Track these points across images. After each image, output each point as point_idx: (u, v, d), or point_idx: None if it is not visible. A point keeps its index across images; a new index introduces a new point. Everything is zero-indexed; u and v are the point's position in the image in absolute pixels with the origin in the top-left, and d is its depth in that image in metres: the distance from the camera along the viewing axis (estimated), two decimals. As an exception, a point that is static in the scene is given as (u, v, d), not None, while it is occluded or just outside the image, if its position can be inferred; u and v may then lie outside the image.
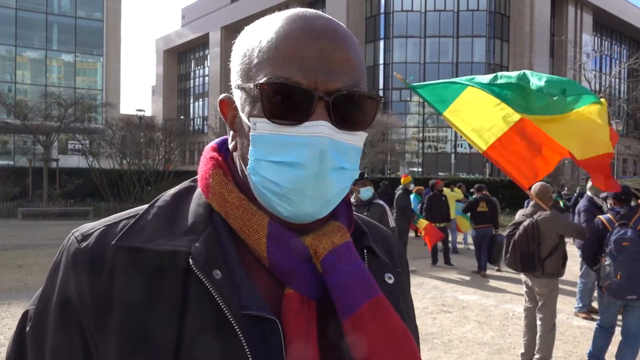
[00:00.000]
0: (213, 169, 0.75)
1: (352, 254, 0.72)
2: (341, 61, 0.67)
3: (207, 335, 0.64)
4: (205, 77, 65.57)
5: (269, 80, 0.66)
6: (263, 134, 0.67)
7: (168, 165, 25.04)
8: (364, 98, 0.69)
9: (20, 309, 6.29)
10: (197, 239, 0.68)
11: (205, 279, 0.65)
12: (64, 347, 0.68)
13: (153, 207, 0.74)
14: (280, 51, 0.67)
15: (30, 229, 15.47)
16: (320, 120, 0.66)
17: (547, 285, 4.77)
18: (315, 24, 0.68)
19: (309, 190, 0.67)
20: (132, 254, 0.68)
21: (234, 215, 0.71)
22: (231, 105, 0.76)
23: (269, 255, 0.69)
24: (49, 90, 28.46)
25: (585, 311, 6.84)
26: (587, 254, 4.77)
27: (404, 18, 46.30)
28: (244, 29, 0.77)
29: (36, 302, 0.73)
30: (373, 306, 0.69)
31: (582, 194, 14.05)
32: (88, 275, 0.68)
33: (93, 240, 0.71)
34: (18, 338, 0.73)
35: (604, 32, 56.93)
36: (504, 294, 8.05)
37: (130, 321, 0.65)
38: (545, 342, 4.75)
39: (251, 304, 0.66)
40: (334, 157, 0.67)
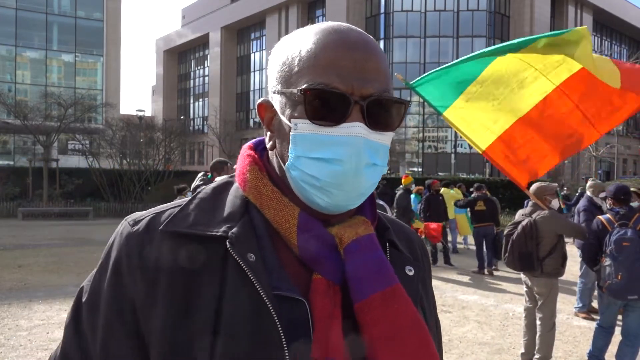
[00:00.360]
0: (250, 165, 0.84)
1: (374, 245, 0.79)
2: (373, 69, 0.76)
3: (242, 311, 0.71)
4: (205, 77, 65.52)
5: (311, 86, 0.74)
6: (304, 133, 0.75)
7: (168, 165, 25.04)
8: (393, 102, 0.78)
9: (20, 309, 6.30)
10: (234, 226, 0.76)
11: (241, 260, 0.73)
12: (116, 318, 0.76)
13: (195, 199, 0.83)
14: (320, 60, 0.75)
15: (30, 229, 15.47)
16: (356, 122, 0.74)
17: (547, 284, 4.77)
18: (349, 36, 0.77)
19: (346, 183, 0.75)
20: (177, 238, 0.76)
21: (268, 206, 0.79)
22: (269, 108, 0.83)
23: (299, 243, 0.77)
24: (49, 90, 28.48)
25: (585, 311, 6.84)
26: (587, 254, 4.76)
27: (404, 18, 46.27)
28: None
29: (92, 279, 0.81)
30: (386, 295, 0.76)
31: (583, 193, 14.04)
32: (138, 255, 0.76)
33: (143, 225, 0.79)
34: (75, 310, 0.81)
35: (604, 32, 56.91)
36: (504, 294, 8.05)
37: (175, 297, 0.72)
38: (545, 342, 4.75)
39: (282, 286, 0.73)
40: (368, 155, 0.75)
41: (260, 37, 58.54)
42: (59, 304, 6.61)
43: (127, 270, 0.76)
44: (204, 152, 59.58)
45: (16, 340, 5.20)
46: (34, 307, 6.42)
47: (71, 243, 12.68)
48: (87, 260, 10.04)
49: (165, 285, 0.73)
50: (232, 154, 41.12)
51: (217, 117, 47.19)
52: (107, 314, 0.76)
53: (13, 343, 5.11)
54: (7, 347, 4.98)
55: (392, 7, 46.54)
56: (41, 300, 6.75)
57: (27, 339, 5.22)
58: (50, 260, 9.88)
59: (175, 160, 26.73)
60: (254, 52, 59.97)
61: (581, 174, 38.89)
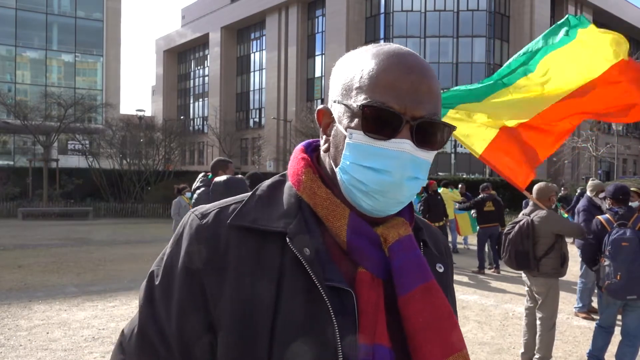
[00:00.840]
0: (305, 167, 0.92)
1: (413, 244, 0.89)
2: (425, 93, 0.84)
3: (299, 298, 0.80)
4: (205, 77, 65.52)
5: (369, 102, 0.83)
6: (358, 143, 0.84)
7: (168, 165, 25.05)
8: (440, 125, 0.86)
9: (20, 309, 6.30)
10: (291, 222, 0.85)
11: (299, 254, 0.82)
12: (189, 300, 0.84)
13: (255, 195, 0.92)
14: (380, 80, 0.84)
15: (30, 229, 15.47)
16: (405, 139, 0.82)
17: (545, 284, 4.77)
18: (408, 60, 0.85)
19: (389, 192, 0.84)
20: (242, 231, 0.85)
21: (322, 206, 0.87)
22: (327, 115, 0.92)
23: (347, 240, 0.85)
24: (49, 91, 28.44)
25: (585, 311, 6.84)
26: (587, 254, 4.76)
27: (404, 18, 46.28)
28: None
29: (162, 264, 0.90)
30: (426, 289, 0.85)
31: (584, 193, 14.02)
32: (208, 245, 0.85)
33: (211, 218, 0.88)
34: (148, 291, 0.89)
35: (603, 32, 56.90)
36: (504, 294, 8.05)
37: (240, 282, 0.81)
38: (545, 342, 4.75)
39: (333, 277, 0.82)
40: (412, 169, 0.84)
41: (260, 37, 58.54)
42: (59, 304, 6.61)
43: (198, 259, 0.84)
44: (204, 152, 59.59)
45: (16, 340, 5.20)
46: (33, 307, 6.42)
47: (71, 243, 12.67)
48: (87, 260, 10.05)
49: (232, 273, 0.82)
50: (232, 154, 41.16)
51: (217, 117, 47.19)
52: (180, 298, 0.85)
53: (13, 343, 5.11)
54: (7, 347, 4.98)
55: (392, 7, 46.54)
56: (41, 300, 6.75)
57: (27, 339, 5.22)
58: (50, 260, 9.88)
59: (175, 160, 26.73)
60: (254, 52, 59.97)
61: (581, 174, 38.91)
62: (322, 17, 51.38)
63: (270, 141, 48.25)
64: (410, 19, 45.97)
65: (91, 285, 7.70)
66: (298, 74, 52.61)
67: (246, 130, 57.80)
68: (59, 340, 5.21)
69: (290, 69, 53.36)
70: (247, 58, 60.68)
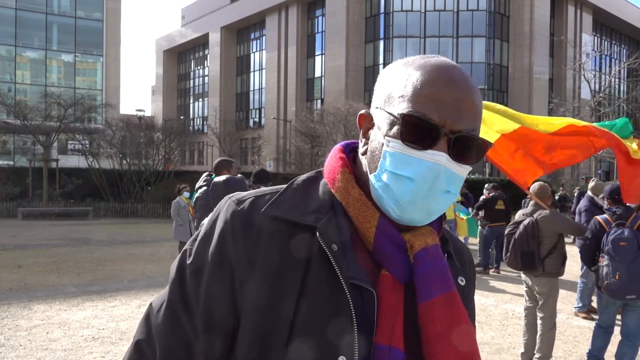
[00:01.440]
0: (342, 167, 0.94)
1: (439, 255, 0.90)
2: (467, 108, 0.85)
3: (322, 291, 0.82)
4: (205, 77, 65.49)
5: (411, 112, 0.84)
6: (394, 151, 0.85)
7: (168, 165, 25.05)
8: (477, 141, 0.87)
9: (19, 309, 6.30)
10: (322, 218, 0.87)
11: (327, 248, 0.84)
12: (218, 280, 0.87)
13: (290, 188, 0.94)
14: (424, 91, 0.85)
15: (30, 229, 15.47)
16: (442, 151, 0.83)
17: (547, 284, 4.78)
18: (453, 75, 0.86)
19: (419, 202, 0.85)
20: (275, 221, 0.87)
21: (353, 206, 0.89)
22: (369, 120, 0.94)
23: (375, 242, 0.87)
24: (48, 90, 28.46)
25: (585, 311, 6.84)
26: (585, 254, 4.76)
27: (404, 18, 46.26)
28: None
29: (194, 245, 0.92)
30: (447, 298, 0.86)
31: (583, 193, 14.02)
32: (242, 231, 0.87)
33: (247, 205, 0.90)
34: (180, 269, 0.92)
35: (603, 32, 56.91)
36: (504, 294, 8.05)
37: (269, 270, 0.84)
38: (545, 341, 4.75)
39: (356, 276, 0.84)
40: (445, 182, 0.85)
41: (260, 37, 58.53)
42: (59, 304, 6.61)
43: (231, 243, 0.87)
44: (204, 152, 59.57)
45: (16, 340, 5.20)
46: (33, 307, 6.42)
47: (71, 243, 12.67)
48: (87, 260, 10.05)
49: (262, 260, 0.84)
50: (232, 154, 41.14)
51: (216, 117, 47.15)
52: (210, 278, 0.87)
53: (13, 343, 5.11)
54: (7, 347, 4.98)
55: (391, 7, 46.53)
56: (41, 300, 6.75)
57: (26, 339, 5.22)
58: (50, 260, 9.88)
59: (175, 160, 26.74)
60: (253, 52, 59.96)
61: (581, 174, 38.88)
62: (322, 17, 51.36)
63: (270, 141, 48.22)
64: (410, 19, 45.95)
65: (91, 285, 7.70)
66: (298, 74, 52.59)
67: (246, 130, 57.76)
68: (59, 340, 5.21)
69: (290, 69, 53.35)
70: (247, 58, 60.67)
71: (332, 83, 48.20)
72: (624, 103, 34.42)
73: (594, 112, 27.77)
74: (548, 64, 47.41)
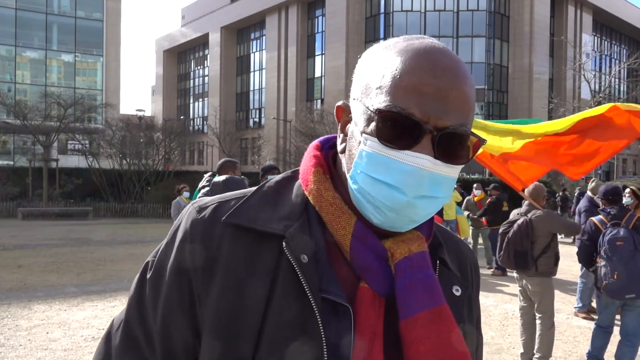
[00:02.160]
0: (315, 167, 0.84)
1: (425, 263, 0.79)
2: (455, 100, 0.73)
3: (289, 308, 0.73)
4: (205, 77, 65.51)
5: (388, 107, 0.72)
6: (371, 151, 0.74)
7: (168, 165, 25.05)
8: (468, 138, 0.75)
9: (19, 309, 6.29)
10: (292, 225, 0.78)
11: (294, 261, 0.74)
12: (176, 295, 0.79)
13: (259, 191, 0.85)
14: (403, 81, 0.73)
15: (30, 229, 15.47)
16: (424, 153, 0.72)
17: (541, 284, 4.78)
18: (438, 62, 0.74)
19: (400, 210, 0.74)
20: (237, 230, 0.79)
21: (327, 211, 0.80)
22: (346, 112, 0.83)
23: (351, 251, 0.77)
24: (48, 90, 28.47)
25: (585, 311, 6.84)
26: (583, 255, 4.77)
27: (404, 18, 46.27)
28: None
29: (157, 256, 0.85)
30: (433, 314, 0.76)
31: (583, 193, 14.01)
32: (201, 241, 0.79)
33: (208, 212, 0.82)
34: (140, 283, 0.85)
35: (603, 32, 56.91)
36: (504, 294, 8.05)
37: (229, 283, 0.76)
38: (545, 341, 4.75)
39: (330, 290, 0.75)
40: (430, 188, 0.74)
41: (260, 37, 58.54)
42: (59, 304, 6.61)
43: (189, 253, 0.79)
44: (204, 152, 59.57)
45: (16, 340, 5.20)
46: (33, 307, 6.42)
47: (71, 243, 12.67)
48: (87, 260, 10.05)
49: (222, 273, 0.76)
50: (232, 154, 41.13)
51: (216, 117, 47.17)
52: (168, 292, 0.80)
53: (13, 343, 5.11)
54: (7, 347, 4.98)
55: (391, 7, 46.54)
56: (41, 300, 6.75)
57: (26, 339, 5.22)
58: (50, 260, 9.87)
59: (175, 160, 26.73)
60: (253, 52, 59.97)
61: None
62: (322, 17, 51.37)
63: (270, 141, 48.24)
64: (410, 19, 45.95)
65: (91, 285, 7.69)
66: (298, 74, 52.61)
67: (246, 130, 57.77)
68: (59, 340, 5.21)
69: (290, 69, 53.36)
70: (247, 58, 60.68)
71: (332, 83, 48.20)
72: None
73: (594, 112, 27.77)
74: (548, 64, 47.41)
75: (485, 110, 45.76)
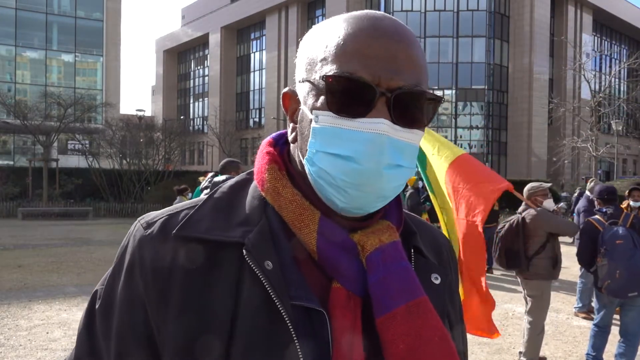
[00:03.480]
0: (269, 163, 0.78)
1: (399, 254, 0.74)
2: (404, 60, 0.69)
3: (258, 321, 0.67)
4: (205, 77, 65.49)
5: (335, 73, 0.68)
6: (324, 126, 0.69)
7: (168, 165, 25.04)
8: (424, 97, 0.71)
9: (19, 309, 6.30)
10: (251, 230, 0.72)
11: (257, 269, 0.69)
12: (129, 325, 0.73)
13: (211, 199, 0.78)
14: (347, 47, 0.69)
15: (30, 229, 15.47)
16: (381, 117, 0.67)
17: (538, 287, 4.71)
18: (382, 23, 0.71)
19: (365, 184, 0.69)
20: (191, 243, 0.72)
21: (287, 209, 0.74)
22: (294, 99, 0.78)
23: (318, 249, 0.72)
24: (48, 90, 28.46)
25: (585, 311, 6.84)
26: (582, 256, 4.75)
27: (404, 18, 46.25)
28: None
29: (104, 283, 0.78)
30: (411, 308, 0.71)
31: (582, 193, 13.97)
32: (151, 260, 0.72)
33: (157, 228, 0.75)
34: (89, 314, 0.78)
35: (603, 32, 56.90)
36: (504, 294, 8.05)
37: (188, 302, 0.69)
38: (532, 345, 4.71)
39: (300, 295, 0.69)
40: (391, 155, 0.69)
41: (260, 37, 58.53)
42: (59, 304, 6.61)
43: (139, 276, 0.72)
44: (204, 152, 59.58)
45: (16, 340, 5.20)
46: (33, 307, 6.42)
47: (71, 243, 12.67)
48: (87, 260, 10.05)
49: (179, 292, 0.70)
50: (232, 154, 41.12)
51: (217, 117, 47.18)
52: (120, 320, 0.73)
53: (13, 343, 5.11)
54: (7, 347, 4.98)
55: (392, 7, 46.53)
56: (41, 300, 6.75)
57: (26, 339, 5.22)
58: (50, 260, 9.88)
59: (175, 160, 26.73)
60: (253, 52, 59.97)
61: (581, 174, 38.85)
62: (322, 17, 51.35)
63: (270, 141, 48.20)
64: (410, 19, 45.92)
65: (91, 285, 7.67)
66: (298, 74, 52.63)
67: (246, 130, 57.77)
68: (59, 340, 5.21)
69: (290, 69, 53.33)
70: (247, 58, 60.67)
71: (332, 83, 48.16)
72: (624, 103, 34.42)
73: (594, 112, 27.78)
74: (548, 64, 47.41)
75: (485, 110, 45.78)
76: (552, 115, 34.48)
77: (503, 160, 46.68)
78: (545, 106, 41.36)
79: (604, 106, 31.27)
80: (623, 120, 36.87)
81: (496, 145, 46.74)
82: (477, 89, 45.58)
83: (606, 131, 43.98)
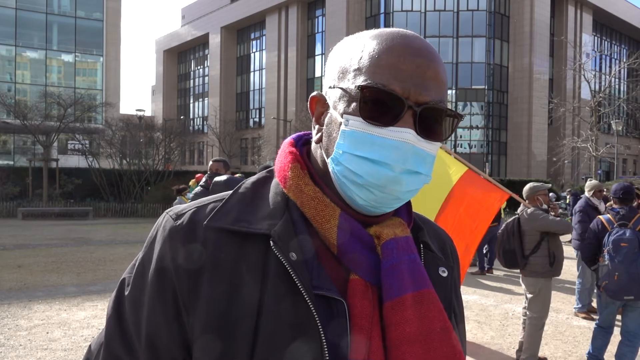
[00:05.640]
0: (292, 162, 0.83)
1: (410, 247, 0.80)
2: (432, 78, 0.76)
3: (283, 307, 0.72)
4: (205, 77, 65.50)
5: (369, 84, 0.74)
6: (354, 130, 0.75)
7: (168, 165, 25.04)
8: (446, 113, 0.78)
9: (19, 309, 6.29)
10: (276, 223, 0.77)
11: (284, 259, 0.73)
12: (160, 311, 0.76)
13: (237, 193, 0.83)
14: (382, 61, 0.75)
15: (30, 229, 15.46)
16: (407, 127, 0.74)
17: (535, 284, 4.75)
18: (413, 42, 0.77)
19: (386, 186, 0.75)
20: (220, 233, 0.77)
21: (309, 206, 0.79)
22: (321, 102, 0.83)
23: (338, 243, 0.77)
24: (48, 90, 28.47)
25: (585, 311, 6.84)
26: (586, 254, 4.77)
27: (404, 18, 46.25)
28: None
29: (133, 271, 0.82)
30: (417, 297, 0.76)
31: (575, 193, 14.01)
32: (183, 249, 0.76)
33: (186, 219, 0.79)
34: (117, 302, 0.81)
35: (603, 32, 56.90)
36: (504, 294, 8.05)
37: (218, 289, 0.73)
38: (532, 342, 4.74)
39: (321, 285, 0.74)
40: (413, 162, 0.75)
41: (260, 37, 58.53)
42: (59, 304, 6.61)
43: (171, 265, 0.76)
44: (204, 152, 59.57)
45: (16, 340, 5.20)
46: (33, 307, 6.42)
47: (71, 243, 12.67)
48: (87, 260, 10.05)
49: (208, 279, 0.74)
50: (232, 154, 41.17)
51: (216, 117, 47.17)
52: (151, 307, 0.77)
53: (13, 343, 5.11)
54: (7, 347, 4.98)
55: (392, 7, 46.53)
56: (41, 300, 6.75)
57: (26, 339, 5.22)
58: (50, 260, 9.87)
59: (175, 160, 26.73)
60: (253, 52, 59.97)
61: (581, 174, 38.87)
62: (322, 17, 51.38)
63: (270, 141, 48.23)
64: (410, 18, 45.94)
65: (91, 285, 7.70)
66: (298, 74, 52.62)
67: (246, 130, 57.78)
68: (59, 340, 5.21)
69: (290, 69, 53.38)
70: (247, 58, 60.68)
71: (332, 83, 48.17)
72: (624, 103, 34.41)
73: (594, 112, 27.77)
74: (548, 64, 47.41)
75: (486, 110, 45.78)
76: (552, 115, 34.46)
77: (503, 160, 46.69)
78: (545, 106, 41.36)
79: (604, 106, 31.26)
80: (623, 120, 36.87)
81: (496, 145, 46.75)
82: (477, 89, 45.59)
83: (606, 131, 43.96)
